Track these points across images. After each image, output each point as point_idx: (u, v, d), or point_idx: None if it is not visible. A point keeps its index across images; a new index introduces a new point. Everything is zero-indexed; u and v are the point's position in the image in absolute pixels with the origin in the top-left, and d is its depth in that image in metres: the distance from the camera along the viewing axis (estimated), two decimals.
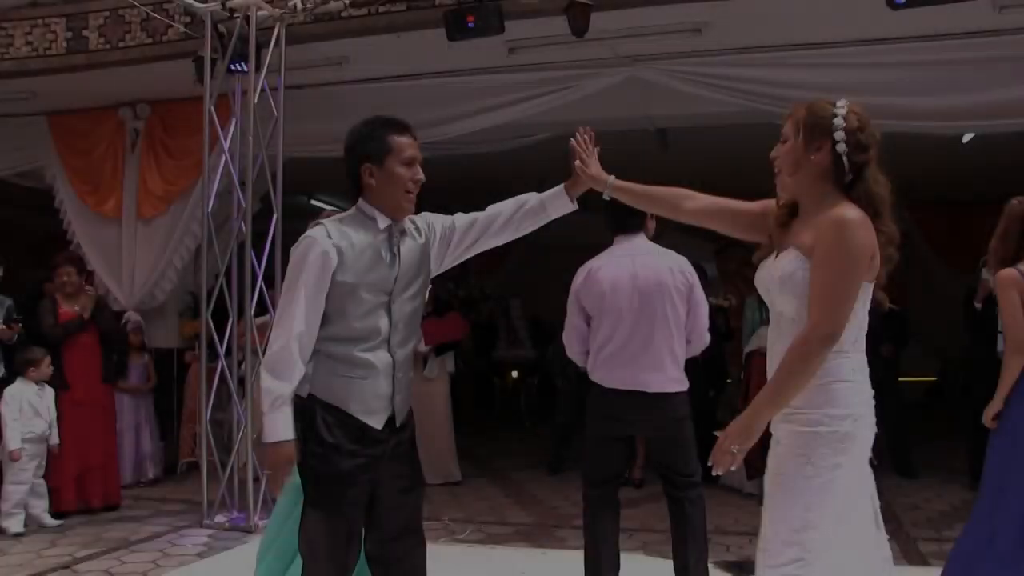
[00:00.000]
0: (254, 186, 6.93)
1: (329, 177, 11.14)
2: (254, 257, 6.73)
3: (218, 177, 6.99)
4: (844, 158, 2.75)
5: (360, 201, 3.30)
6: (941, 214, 13.42)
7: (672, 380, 4.62)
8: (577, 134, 3.34)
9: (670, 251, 4.74)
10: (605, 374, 4.67)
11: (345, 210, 9.83)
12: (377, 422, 3.20)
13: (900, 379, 9.41)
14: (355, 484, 3.17)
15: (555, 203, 3.38)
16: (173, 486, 8.26)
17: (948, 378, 13.20)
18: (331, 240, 3.15)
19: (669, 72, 6.94)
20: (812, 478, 2.71)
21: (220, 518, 6.75)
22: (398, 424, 3.28)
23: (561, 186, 3.37)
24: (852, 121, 2.76)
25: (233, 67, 6.74)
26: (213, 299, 6.95)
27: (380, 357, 3.21)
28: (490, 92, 7.32)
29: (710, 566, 4.89)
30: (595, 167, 3.31)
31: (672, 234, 11.31)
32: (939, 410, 13.06)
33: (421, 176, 3.27)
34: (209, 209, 6.91)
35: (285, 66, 6.74)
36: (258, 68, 6.65)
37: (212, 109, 6.84)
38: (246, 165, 6.84)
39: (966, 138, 8.74)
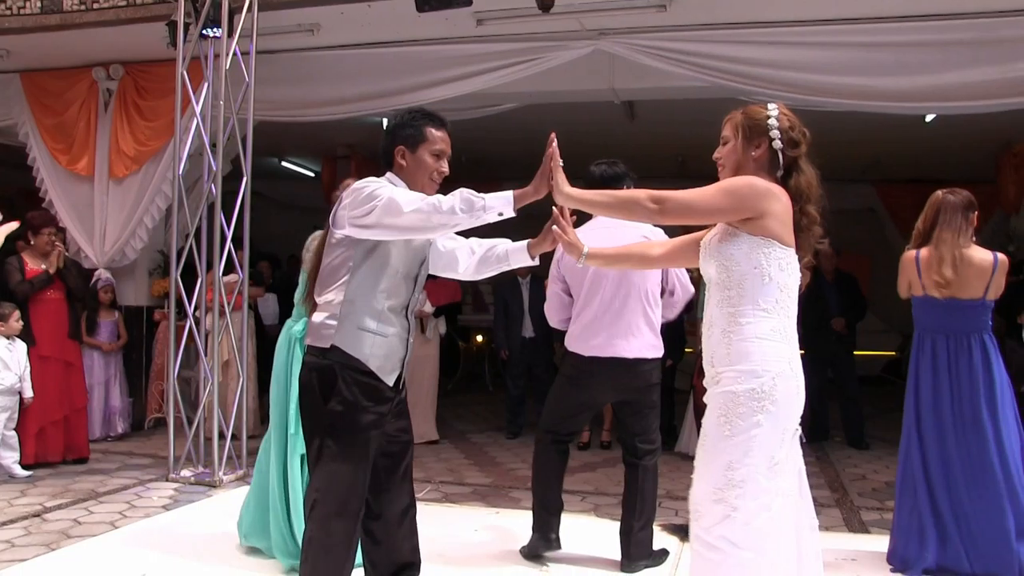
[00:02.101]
0: (224, 149, 7.03)
1: (298, 140, 11.25)
2: (223, 218, 6.83)
3: (190, 139, 7.06)
4: (780, 153, 3.05)
5: (390, 174, 3.50)
6: (906, 192, 13.58)
7: (650, 345, 4.79)
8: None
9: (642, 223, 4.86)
10: (584, 343, 4.82)
11: (317, 173, 9.89)
12: (390, 380, 3.40)
13: (860, 353, 9.57)
14: (370, 438, 3.34)
15: (517, 256, 3.61)
16: (140, 441, 8.39)
17: (906, 354, 13.40)
18: None
19: (634, 46, 7.03)
20: (731, 437, 2.87)
21: (186, 473, 6.89)
22: (401, 384, 3.51)
23: (525, 243, 3.58)
24: (784, 121, 3.07)
25: (206, 32, 6.81)
26: (183, 259, 7.06)
27: (400, 320, 3.43)
28: (458, 62, 7.38)
29: (657, 528, 5.09)
30: (573, 235, 3.54)
31: None
32: (897, 384, 13.32)
33: (446, 169, 3.53)
34: (180, 171, 6.99)
35: (257, 32, 6.80)
36: (230, 33, 6.71)
37: (184, 72, 6.91)
38: (217, 128, 6.91)
39: (929, 117, 8.88)
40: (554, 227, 3.51)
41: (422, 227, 3.18)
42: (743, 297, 2.95)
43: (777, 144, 3.05)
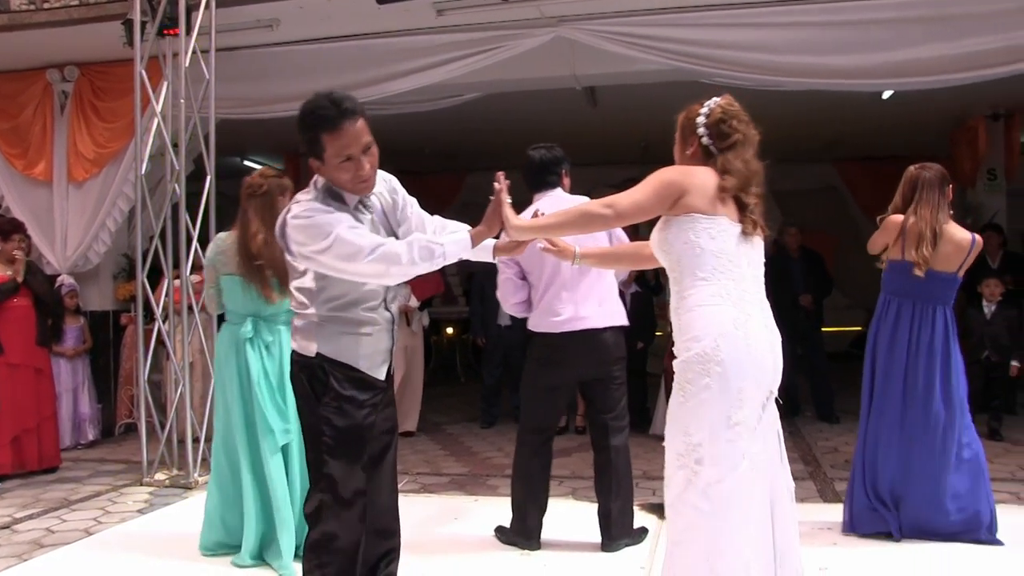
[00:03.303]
0: (187, 148, 6.97)
1: (260, 139, 11.19)
2: (188, 218, 6.78)
3: (150, 140, 7.00)
4: (711, 147, 3.16)
5: (324, 182, 3.28)
6: (865, 170, 13.76)
7: (614, 312, 4.89)
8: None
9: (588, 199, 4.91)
10: (552, 320, 4.85)
11: (283, 171, 9.76)
12: (381, 374, 3.37)
13: (827, 330, 9.70)
14: (370, 432, 3.31)
15: (479, 252, 3.43)
16: (112, 447, 8.31)
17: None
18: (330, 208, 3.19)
19: (595, 32, 7.03)
20: (684, 403, 2.97)
21: (160, 476, 6.84)
22: (391, 374, 3.47)
23: (493, 243, 3.44)
24: (715, 114, 3.16)
25: (163, 30, 6.75)
26: (148, 261, 7.00)
27: (382, 314, 3.36)
28: (419, 53, 7.34)
29: (636, 508, 5.14)
30: (562, 241, 3.66)
31: (602, 191, 11.55)
32: (863, 359, 13.47)
33: (365, 169, 3.18)
34: (142, 171, 6.93)
35: (216, 29, 6.74)
36: (188, 31, 6.65)
37: (143, 72, 6.84)
38: (178, 127, 6.85)
39: (886, 94, 8.98)
40: (539, 244, 3.59)
41: (378, 277, 3.14)
42: (683, 272, 3.06)
43: (705, 140, 3.16)
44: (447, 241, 3.14)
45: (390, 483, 3.60)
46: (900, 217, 5.05)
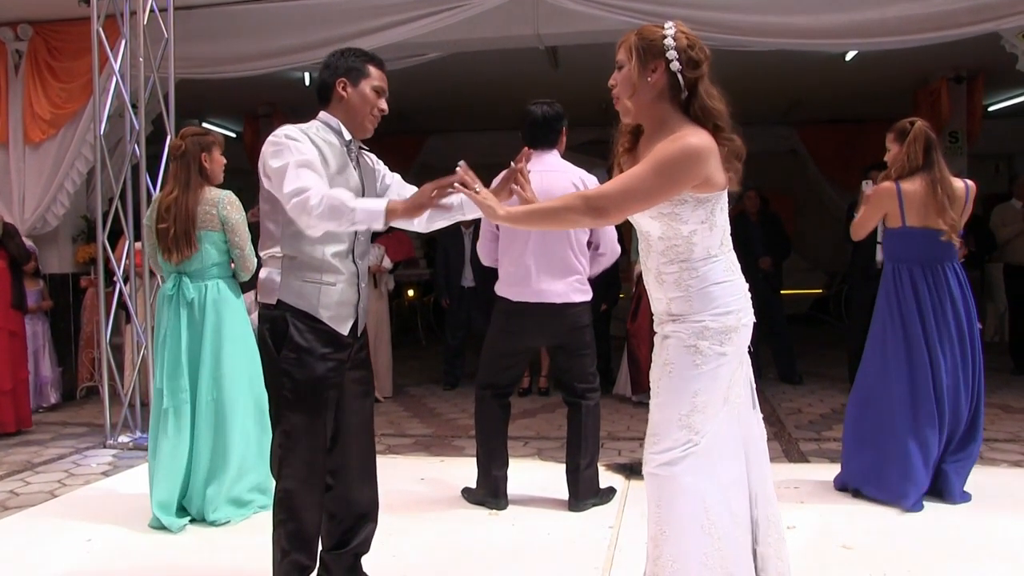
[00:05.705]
0: (146, 108, 6.87)
1: (219, 100, 11.06)
2: (148, 180, 6.69)
3: (109, 100, 6.90)
4: (679, 76, 2.86)
5: (323, 114, 3.41)
6: (826, 132, 13.84)
7: (575, 290, 4.85)
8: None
9: (576, 167, 4.91)
10: (511, 288, 4.87)
11: (239, 133, 9.72)
12: (344, 328, 3.33)
13: (788, 292, 9.77)
14: (330, 387, 3.29)
15: (473, 206, 3.26)
16: (74, 411, 8.26)
17: (833, 291, 13.77)
18: (309, 137, 3.25)
19: None
20: (700, 366, 2.92)
21: (124, 439, 6.80)
22: (359, 331, 3.44)
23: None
24: (682, 40, 2.86)
25: None
26: (109, 223, 6.92)
27: (347, 265, 3.33)
28: (381, 11, 7.23)
29: (602, 468, 5.18)
30: (533, 196, 3.33)
31: (564, 154, 11.52)
32: (824, 322, 13.68)
33: (386, 107, 3.44)
34: (101, 132, 6.82)
35: None
36: None
37: (100, 30, 6.72)
38: (137, 87, 6.75)
39: (850, 55, 9.01)
40: (514, 186, 3.30)
41: (299, 222, 3.12)
42: (693, 249, 2.93)
43: (675, 66, 2.85)
44: (360, 207, 3.06)
45: (368, 447, 3.59)
46: (891, 186, 4.90)
